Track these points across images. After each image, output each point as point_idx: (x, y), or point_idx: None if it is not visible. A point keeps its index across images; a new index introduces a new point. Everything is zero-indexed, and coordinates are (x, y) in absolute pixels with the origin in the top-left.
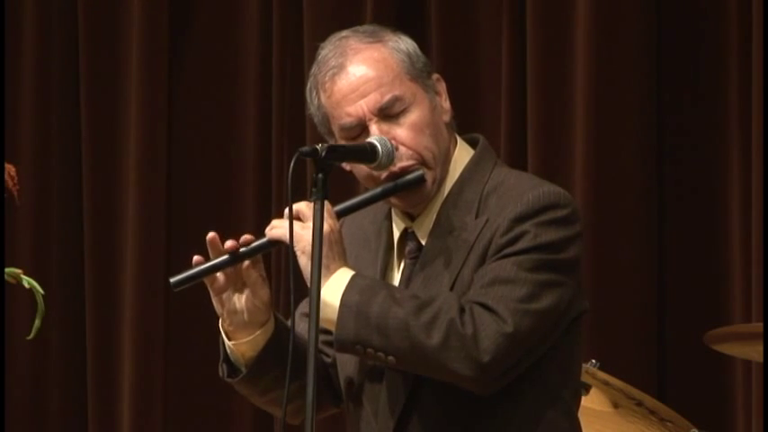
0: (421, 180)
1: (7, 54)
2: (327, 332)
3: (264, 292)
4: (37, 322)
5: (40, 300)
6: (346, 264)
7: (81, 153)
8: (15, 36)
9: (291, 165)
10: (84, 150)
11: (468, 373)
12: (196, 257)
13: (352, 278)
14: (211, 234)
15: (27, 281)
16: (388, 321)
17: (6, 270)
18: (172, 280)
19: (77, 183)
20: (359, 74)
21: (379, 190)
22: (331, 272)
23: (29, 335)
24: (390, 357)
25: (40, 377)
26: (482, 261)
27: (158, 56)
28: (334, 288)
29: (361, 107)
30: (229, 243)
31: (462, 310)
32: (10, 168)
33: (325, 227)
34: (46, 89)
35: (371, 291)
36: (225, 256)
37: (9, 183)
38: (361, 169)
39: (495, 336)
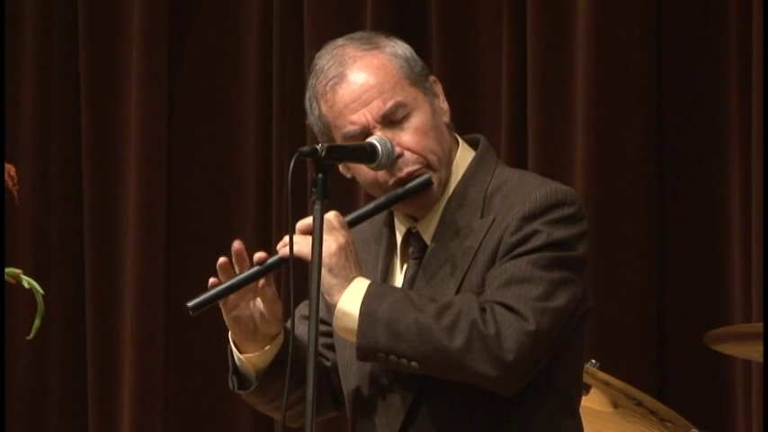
0: (428, 184)
1: (7, 54)
2: (327, 335)
3: (278, 308)
4: (37, 322)
5: (39, 300)
6: (362, 273)
7: (81, 153)
8: (15, 36)
9: (291, 165)
10: (84, 150)
11: (493, 373)
12: (212, 280)
13: (370, 286)
14: (222, 259)
15: (27, 281)
16: (410, 327)
17: (6, 270)
18: (189, 304)
19: (77, 183)
20: (360, 82)
21: (387, 197)
22: (348, 281)
23: (29, 335)
24: (413, 363)
25: (40, 377)
26: (491, 261)
27: (158, 56)
28: (352, 297)
29: (364, 115)
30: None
31: (483, 310)
32: (10, 168)
33: (340, 239)
34: (46, 89)
35: (390, 298)
36: (240, 277)
37: (9, 183)
38: (365, 177)
39: (519, 334)
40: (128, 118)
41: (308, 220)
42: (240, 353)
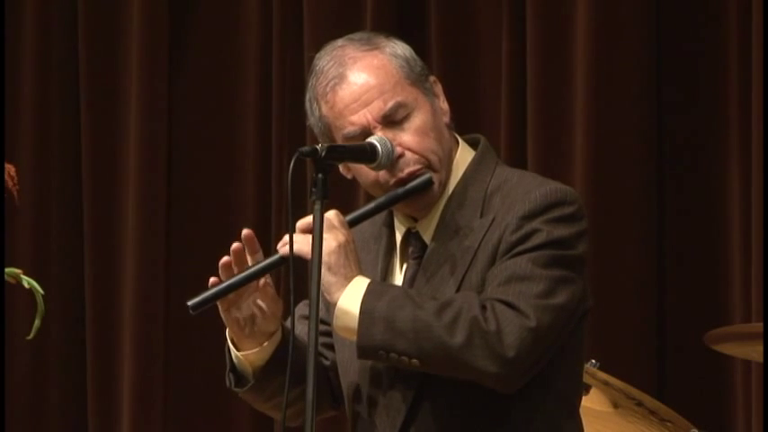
0: (429, 184)
1: (7, 54)
2: (326, 334)
3: (278, 307)
4: (37, 322)
5: (39, 300)
6: (362, 272)
7: (81, 153)
8: (15, 36)
9: (291, 165)
10: (84, 150)
11: (494, 370)
12: (212, 279)
13: (370, 285)
14: (225, 258)
15: (27, 281)
16: (410, 324)
17: (6, 270)
18: (189, 303)
19: (77, 183)
20: (360, 82)
21: (388, 197)
22: (348, 280)
23: (29, 335)
24: (414, 360)
25: (39, 377)
26: (491, 261)
27: (158, 56)
28: (352, 296)
29: (365, 116)
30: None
31: (483, 307)
32: (10, 168)
33: (340, 237)
34: (46, 89)
35: (390, 296)
36: (240, 276)
37: (9, 183)
38: (366, 177)
39: (519, 331)
40: (128, 118)
41: (309, 219)
42: (237, 350)
